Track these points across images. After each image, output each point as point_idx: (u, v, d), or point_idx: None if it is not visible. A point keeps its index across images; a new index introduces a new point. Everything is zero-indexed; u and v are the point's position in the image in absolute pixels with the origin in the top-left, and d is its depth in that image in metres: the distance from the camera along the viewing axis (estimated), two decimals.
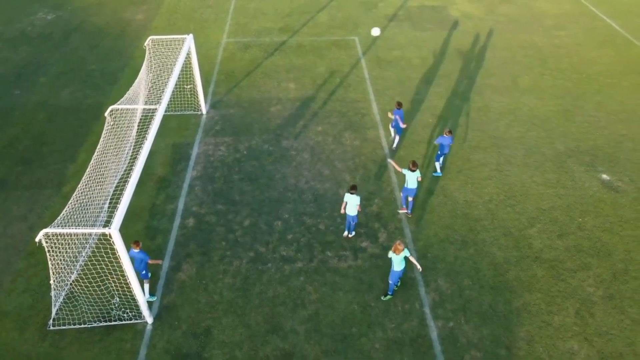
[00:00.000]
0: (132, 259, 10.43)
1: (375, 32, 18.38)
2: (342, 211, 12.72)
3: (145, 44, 16.13)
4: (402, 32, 23.99)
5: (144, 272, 11.04)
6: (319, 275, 12.13)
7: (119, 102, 13.14)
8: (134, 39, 23.20)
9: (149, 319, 10.83)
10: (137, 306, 10.73)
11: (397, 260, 10.94)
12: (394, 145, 16.21)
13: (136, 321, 10.91)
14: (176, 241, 12.98)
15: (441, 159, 15.03)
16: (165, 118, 17.68)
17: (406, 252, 10.85)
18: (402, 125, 15.57)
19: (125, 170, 13.26)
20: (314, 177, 15.12)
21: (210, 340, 10.67)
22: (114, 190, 12.51)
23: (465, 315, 11.21)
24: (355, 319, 11.14)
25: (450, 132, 14.63)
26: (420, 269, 11.40)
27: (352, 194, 12.25)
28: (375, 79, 20.18)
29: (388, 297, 11.51)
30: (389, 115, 15.81)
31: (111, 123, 12.68)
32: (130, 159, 13.71)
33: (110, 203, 12.53)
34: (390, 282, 11.31)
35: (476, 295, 11.66)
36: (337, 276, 12.10)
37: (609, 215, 13.73)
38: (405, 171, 13.16)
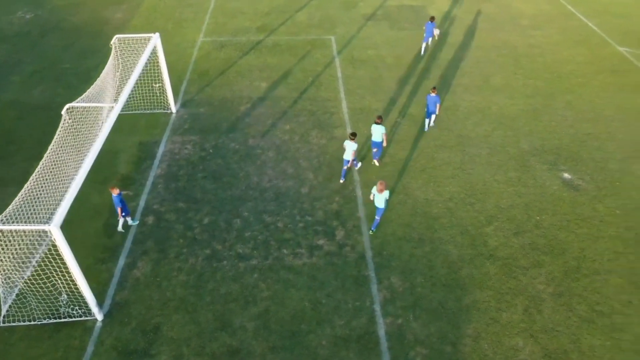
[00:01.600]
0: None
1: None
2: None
3: (112, 42, 16.20)
4: (379, 31, 24.06)
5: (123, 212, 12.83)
6: (273, 272, 12.21)
7: (77, 100, 13.21)
8: (110, 37, 22.89)
9: (98, 315, 10.91)
10: (87, 303, 10.80)
11: (380, 199, 12.67)
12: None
13: (86, 318, 10.99)
14: (134, 239, 13.05)
15: (433, 116, 16.93)
16: (134, 117, 17.78)
17: (387, 195, 12.61)
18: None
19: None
20: (277, 176, 15.20)
21: (158, 337, 10.75)
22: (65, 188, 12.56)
23: (415, 312, 11.29)
24: (304, 316, 11.22)
25: (434, 89, 16.30)
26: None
27: (351, 139, 14.12)
28: (347, 78, 20.25)
29: (372, 232, 13.31)
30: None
31: (69, 121, 12.74)
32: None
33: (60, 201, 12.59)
34: (377, 218, 13.07)
35: (428, 293, 11.74)
36: (291, 274, 12.18)
37: (567, 214, 13.81)
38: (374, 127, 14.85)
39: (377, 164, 15.58)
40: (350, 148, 14.28)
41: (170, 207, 14.06)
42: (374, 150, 15.32)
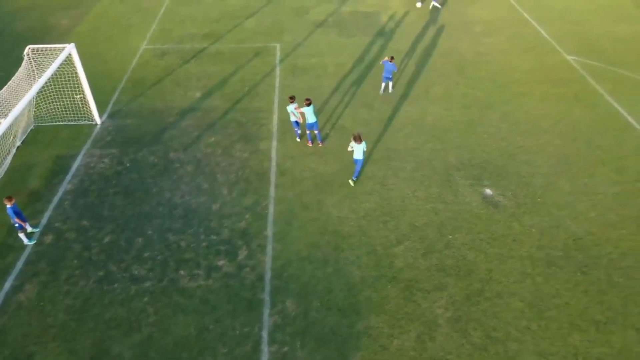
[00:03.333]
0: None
1: (418, 4, 25.80)
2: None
3: (25, 52, 15.76)
4: (327, 38, 23.64)
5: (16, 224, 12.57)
6: (165, 296, 11.77)
7: None
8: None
9: None
10: None
11: (358, 150, 14.06)
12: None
13: None
14: (27, 259, 12.61)
15: (390, 83, 19.07)
16: (56, 128, 17.35)
17: (364, 146, 14.14)
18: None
19: None
20: (191, 191, 14.76)
21: None
22: None
23: (303, 339, 10.85)
24: (188, 344, 10.78)
25: (392, 58, 18.34)
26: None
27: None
28: (284, 87, 19.81)
29: (352, 181, 14.89)
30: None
31: None
32: None
33: None
34: (357, 168, 14.60)
35: (321, 318, 11.30)
36: (183, 297, 11.73)
37: (481, 232, 13.38)
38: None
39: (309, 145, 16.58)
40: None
41: (73, 225, 13.62)
42: (308, 131, 16.20)
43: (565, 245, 12.94)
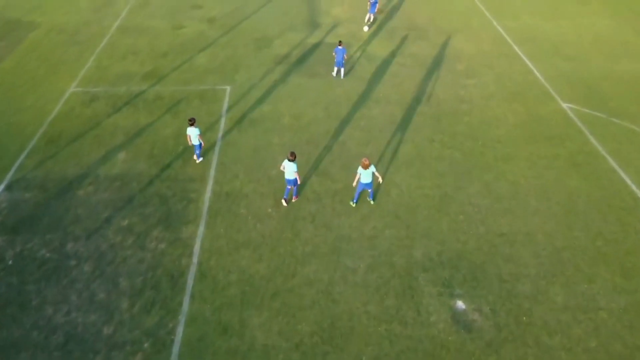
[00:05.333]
0: None
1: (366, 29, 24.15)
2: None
3: None
4: (286, 78, 20.48)
5: None
6: None
7: None
8: None
9: None
10: None
11: (367, 175, 13.28)
12: None
13: None
14: None
15: (341, 70, 20.13)
16: None
17: (373, 168, 13.29)
18: None
19: None
20: (81, 305, 11.57)
21: None
22: None
23: None
24: None
25: (340, 42, 19.77)
26: (381, 180, 14.28)
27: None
28: (226, 146, 16.65)
29: (354, 204, 14.20)
30: None
31: None
32: None
33: None
34: (358, 193, 13.96)
35: None
36: None
37: None
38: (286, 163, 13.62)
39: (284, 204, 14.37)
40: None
41: None
42: (288, 187, 14.17)
43: None
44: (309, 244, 13.08)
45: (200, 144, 15.50)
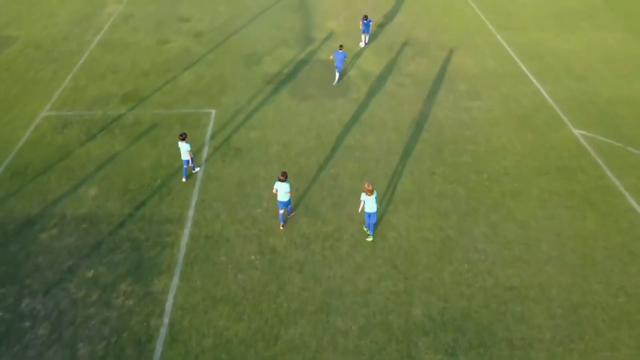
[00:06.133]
0: None
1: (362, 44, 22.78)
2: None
3: None
4: (276, 100, 19.06)
5: None
6: None
7: None
8: None
9: None
10: None
11: (371, 202, 12.44)
12: None
13: None
14: None
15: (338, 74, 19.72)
16: None
17: (376, 194, 12.50)
18: None
19: None
20: None
21: None
22: None
23: None
24: None
25: (341, 46, 19.53)
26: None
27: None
28: (208, 180, 15.22)
29: (370, 237, 13.10)
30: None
31: None
32: None
33: None
34: (368, 222, 12.85)
35: None
36: None
37: None
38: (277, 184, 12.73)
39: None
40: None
41: None
42: (281, 211, 13.27)
43: None
44: (295, 299, 11.64)
45: (188, 161, 14.73)
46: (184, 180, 15.06)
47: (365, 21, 22.18)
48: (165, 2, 27.70)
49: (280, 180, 12.62)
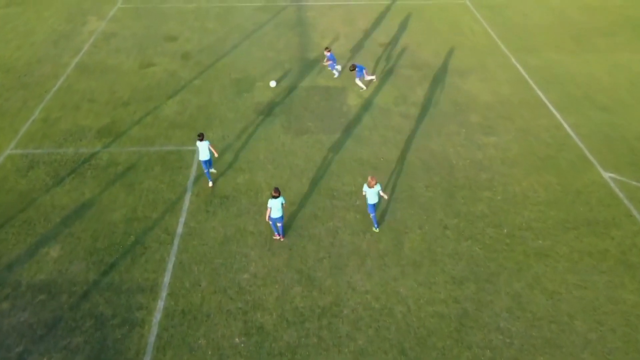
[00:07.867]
0: None
1: (272, 84, 19.42)
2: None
3: None
4: (268, 135, 17.14)
5: None
6: None
7: None
8: None
9: None
10: None
11: (373, 194, 12.60)
12: None
13: None
14: None
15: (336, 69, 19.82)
16: None
17: (379, 187, 12.59)
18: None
19: None
20: None
21: None
22: None
23: None
24: None
25: (328, 49, 19.83)
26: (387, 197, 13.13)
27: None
28: (189, 237, 13.30)
29: (377, 229, 13.19)
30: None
31: None
32: None
33: None
34: (371, 215, 12.97)
35: None
36: None
37: None
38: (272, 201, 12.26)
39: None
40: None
41: None
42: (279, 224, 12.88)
43: None
44: None
45: (209, 161, 14.66)
46: (210, 184, 14.89)
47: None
48: (151, 18, 25.76)
49: (273, 197, 12.32)
